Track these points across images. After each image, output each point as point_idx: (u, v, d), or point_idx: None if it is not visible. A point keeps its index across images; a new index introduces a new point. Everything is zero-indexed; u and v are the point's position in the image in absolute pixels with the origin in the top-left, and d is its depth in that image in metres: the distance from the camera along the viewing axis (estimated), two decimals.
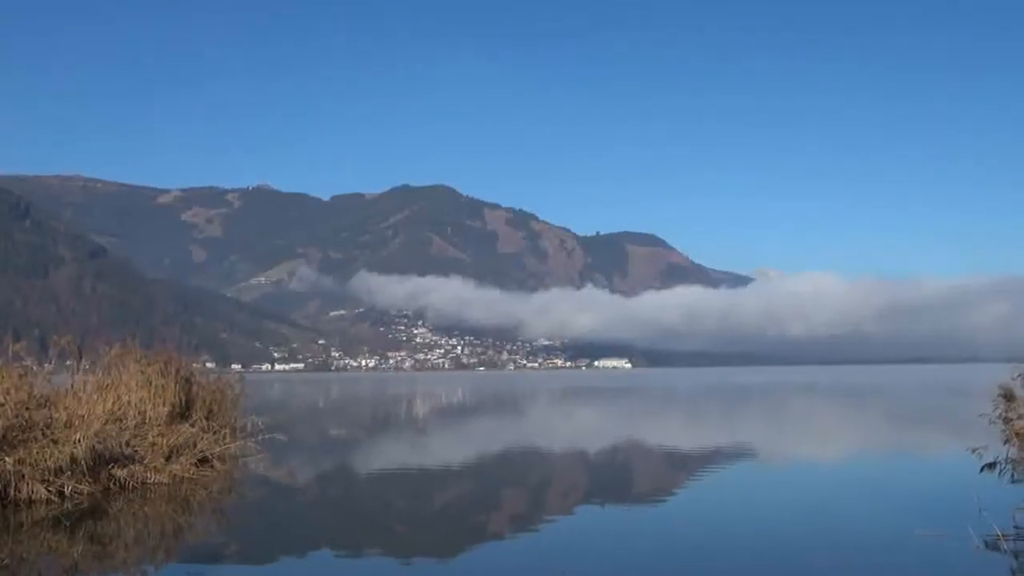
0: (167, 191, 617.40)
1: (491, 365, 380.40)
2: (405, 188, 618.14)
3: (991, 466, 11.17)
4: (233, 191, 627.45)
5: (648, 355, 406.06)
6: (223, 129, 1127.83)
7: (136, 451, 16.30)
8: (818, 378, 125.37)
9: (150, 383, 18.49)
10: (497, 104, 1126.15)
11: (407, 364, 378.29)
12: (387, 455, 22.93)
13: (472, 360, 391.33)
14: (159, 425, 17.72)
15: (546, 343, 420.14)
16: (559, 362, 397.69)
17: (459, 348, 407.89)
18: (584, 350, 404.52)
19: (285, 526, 13.02)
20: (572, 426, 36.62)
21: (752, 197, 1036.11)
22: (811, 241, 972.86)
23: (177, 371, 19.43)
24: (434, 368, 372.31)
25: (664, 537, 11.70)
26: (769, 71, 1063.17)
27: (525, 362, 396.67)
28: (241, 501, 15.48)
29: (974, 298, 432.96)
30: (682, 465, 20.68)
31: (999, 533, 10.34)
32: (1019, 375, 10.62)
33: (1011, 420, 10.47)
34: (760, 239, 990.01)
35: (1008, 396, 10.57)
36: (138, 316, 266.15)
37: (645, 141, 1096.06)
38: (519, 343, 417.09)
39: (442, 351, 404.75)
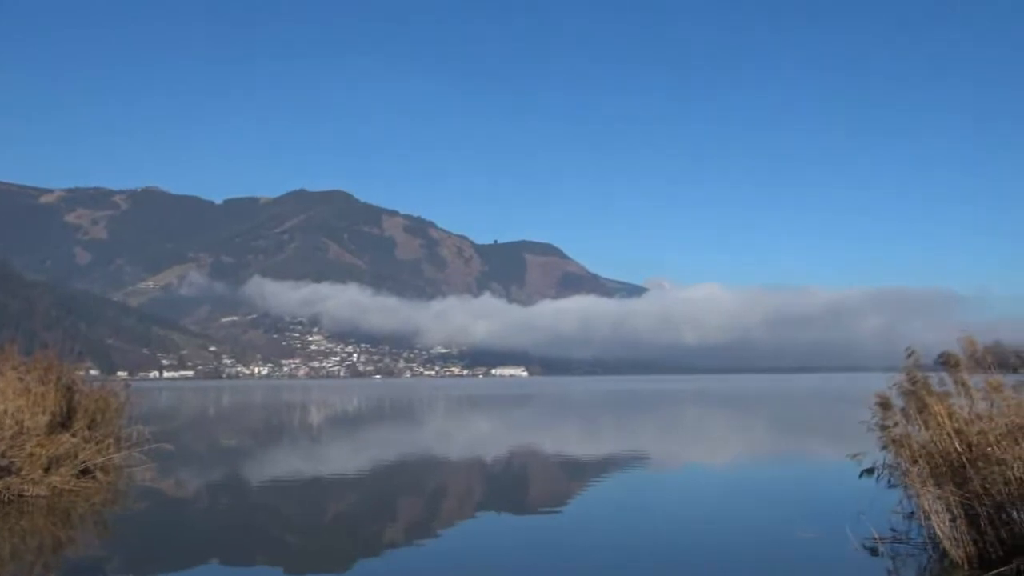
0: (50, 191, 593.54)
1: (387, 373, 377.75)
2: (301, 193, 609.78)
3: (869, 471, 11.65)
4: (121, 192, 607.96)
5: (544, 363, 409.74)
6: (111, 127, 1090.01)
7: (12, 462, 15.60)
8: (708, 386, 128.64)
9: (29, 391, 17.73)
10: (394, 108, 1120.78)
11: (301, 372, 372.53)
12: (278, 465, 22.50)
13: (368, 368, 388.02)
14: (38, 435, 16.98)
15: (443, 351, 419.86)
16: (456, 370, 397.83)
17: (355, 356, 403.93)
18: (481, 358, 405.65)
19: (171, 538, 12.63)
20: (467, 434, 36.63)
21: (646, 207, 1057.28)
22: (702, 253, 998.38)
23: (58, 378, 18.71)
24: (329, 376, 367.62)
25: (557, 545, 11.81)
26: (664, 80, 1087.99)
27: (422, 370, 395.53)
28: (125, 513, 14.95)
29: (856, 309, 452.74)
30: (576, 473, 20.92)
31: (876, 536, 10.79)
32: (895, 384, 11.11)
33: (888, 427, 10.94)
34: (653, 250, 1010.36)
35: (885, 404, 11.04)
36: (17, 320, 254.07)
37: (543, 149, 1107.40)
38: (416, 351, 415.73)
39: (338, 359, 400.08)
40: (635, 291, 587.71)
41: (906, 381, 11.03)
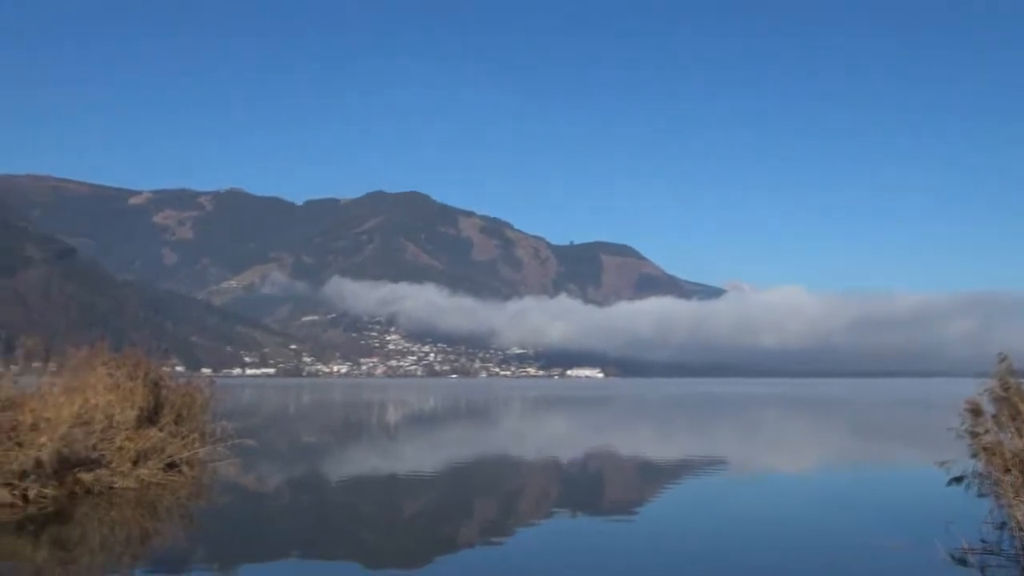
0: (139, 193, 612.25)
1: (463, 372, 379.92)
2: (379, 194, 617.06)
3: (958, 480, 11.29)
4: (205, 194, 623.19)
5: (621, 365, 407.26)
6: (196, 131, 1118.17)
7: (103, 455, 16.12)
8: (789, 390, 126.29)
9: (118, 386, 18.30)
10: (472, 111, 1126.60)
11: (379, 370, 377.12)
12: (357, 462, 22.82)
13: (444, 367, 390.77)
14: (127, 429, 17.53)
15: (519, 351, 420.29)
16: (531, 370, 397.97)
17: (431, 355, 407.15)
18: (557, 359, 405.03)
19: (253, 532, 12.91)
20: (543, 435, 36.63)
21: (725, 210, 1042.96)
22: (783, 255, 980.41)
23: (146, 375, 19.24)
24: (406, 375, 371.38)
25: (628, 549, 11.72)
26: (744, 82, 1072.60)
27: (498, 370, 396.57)
28: (209, 506, 15.34)
29: (943, 313, 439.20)
30: (651, 476, 20.75)
31: (966, 546, 10.44)
32: (986, 390, 10.75)
33: (978, 434, 10.59)
34: (733, 252, 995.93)
35: (975, 411, 10.69)
36: (107, 319, 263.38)
37: (620, 151, 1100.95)
38: (492, 351, 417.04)
39: (414, 358, 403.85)
40: (713, 293, 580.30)
41: (998, 387, 10.66)
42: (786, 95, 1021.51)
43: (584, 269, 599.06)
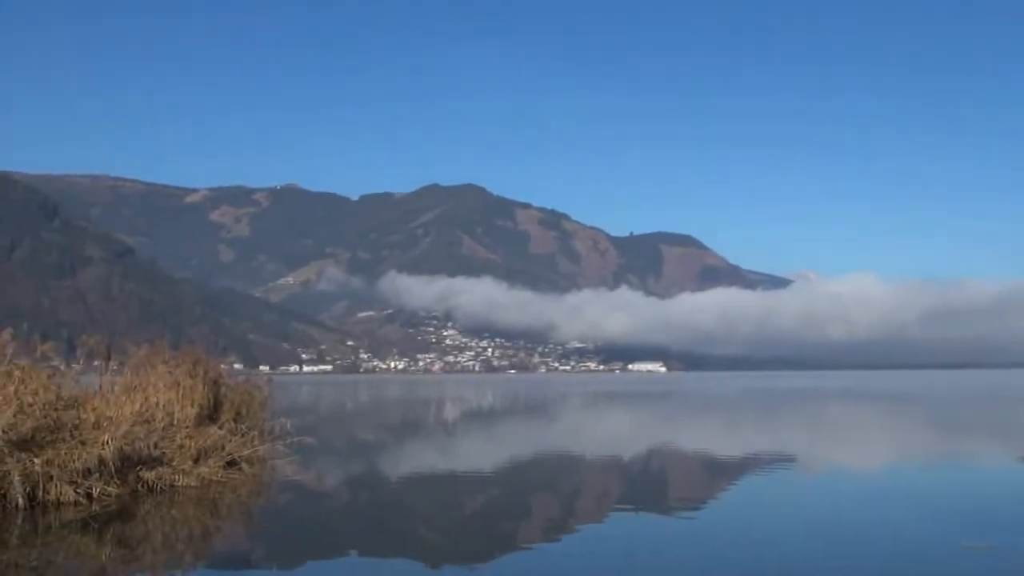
0: (195, 190, 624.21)
1: (522, 368, 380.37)
2: (434, 187, 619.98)
3: None
4: (261, 190, 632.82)
5: (683, 359, 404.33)
6: (251, 127, 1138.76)
7: (164, 453, 16.46)
8: (859, 383, 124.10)
9: (178, 384, 18.67)
10: (527, 102, 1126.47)
11: (436, 366, 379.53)
12: (417, 459, 22.99)
13: (502, 363, 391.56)
14: (187, 427, 17.89)
15: (578, 346, 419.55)
16: (592, 365, 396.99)
17: (489, 350, 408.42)
18: (618, 353, 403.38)
19: (314, 531, 13.09)
20: (606, 430, 36.51)
21: (791, 197, 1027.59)
22: (852, 242, 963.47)
23: (205, 372, 19.60)
24: (464, 370, 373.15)
25: (698, 548, 11.61)
26: (809, 68, 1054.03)
27: (557, 365, 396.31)
28: (270, 505, 15.58)
29: (1022, 302, 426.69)
30: (719, 472, 20.55)
31: None
32: None
33: None
34: (799, 240, 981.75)
35: None
36: (165, 316, 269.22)
37: (680, 139, 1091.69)
38: (551, 345, 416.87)
39: (472, 353, 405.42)
40: (780, 283, 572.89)
41: None
42: (853, 83, 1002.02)
43: (644, 260, 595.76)
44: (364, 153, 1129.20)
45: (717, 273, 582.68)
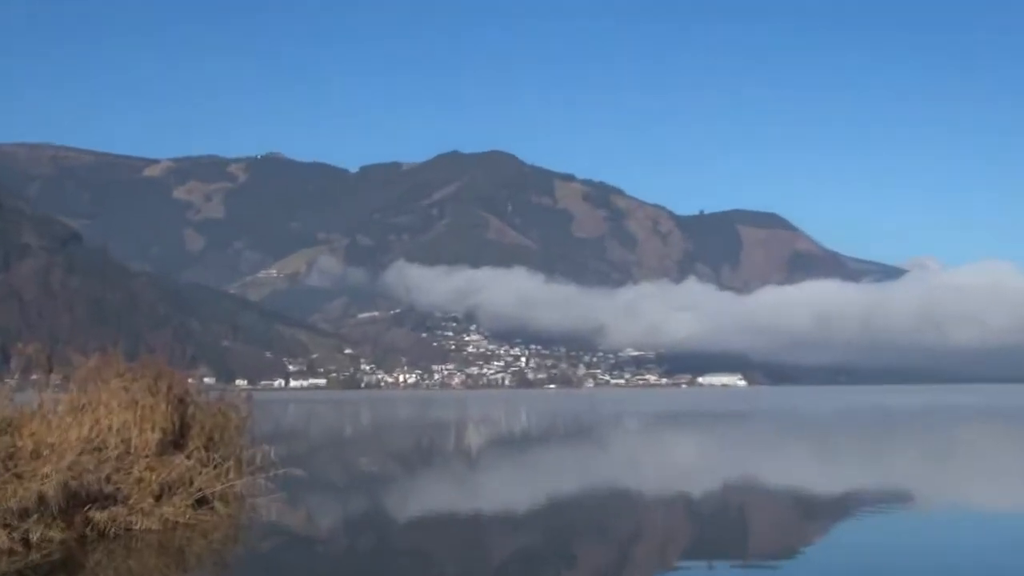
0: (155, 162, 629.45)
1: (564, 382, 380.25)
2: (453, 156, 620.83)
3: None
4: (237, 161, 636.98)
5: (768, 370, 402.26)
6: (225, 83, 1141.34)
7: (119, 489, 16.53)
8: (992, 400, 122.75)
9: (136, 404, 18.77)
10: (566, 48, 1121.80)
11: (456, 380, 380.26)
12: (430, 497, 23.04)
13: (540, 376, 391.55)
14: (147, 456, 17.99)
15: (635, 354, 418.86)
16: (652, 378, 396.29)
17: (523, 360, 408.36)
18: (684, 363, 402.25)
19: None
20: (671, 463, 36.39)
21: (904, 166, 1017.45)
22: (982, 223, 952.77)
23: (169, 388, 19.72)
24: (491, 385, 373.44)
25: None
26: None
27: (608, 378, 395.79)
28: (248, 553, 15.67)
29: None
30: (810, 515, 20.44)
31: None
32: None
33: None
34: (915, 220, 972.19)
35: None
36: (119, 319, 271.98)
37: (761, 98, 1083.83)
38: (600, 354, 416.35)
39: (501, 364, 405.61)
40: (890, 274, 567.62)
41: None
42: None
43: (718, 246, 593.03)
44: (364, 114, 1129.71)
45: (810, 261, 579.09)
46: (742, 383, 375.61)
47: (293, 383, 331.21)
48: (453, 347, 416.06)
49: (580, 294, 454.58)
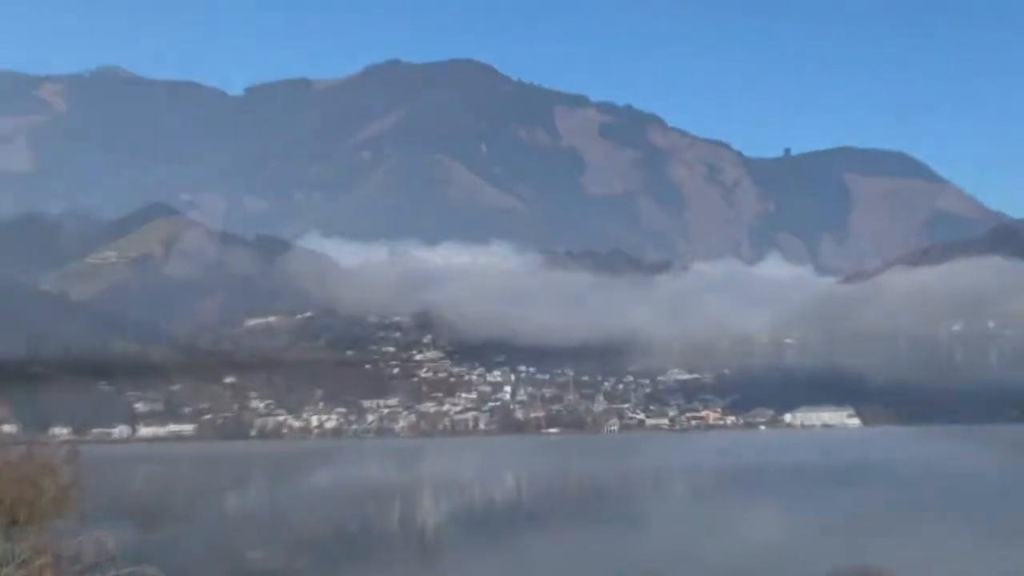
0: None
1: (573, 424, 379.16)
2: (394, 66, 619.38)
3: None
4: (55, 79, 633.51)
5: (891, 400, 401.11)
6: None
7: None
8: None
9: None
10: None
11: (401, 423, 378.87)
12: None
13: (534, 414, 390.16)
14: None
15: (684, 377, 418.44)
16: (712, 415, 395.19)
17: (507, 390, 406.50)
18: (763, 391, 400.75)
19: None
20: (748, 551, 37.14)
21: None
22: None
23: None
24: (457, 431, 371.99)
25: None
26: None
27: (642, 416, 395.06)
28: None
29: None
30: None
31: None
32: None
33: None
34: None
35: None
36: None
37: None
38: (629, 379, 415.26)
39: (473, 397, 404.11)
40: None
41: None
42: None
43: (813, 204, 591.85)
44: (254, 11, 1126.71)
45: (961, 224, 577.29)
46: (854, 421, 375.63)
47: (144, 431, 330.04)
48: (397, 371, 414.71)
49: (595, 283, 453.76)
